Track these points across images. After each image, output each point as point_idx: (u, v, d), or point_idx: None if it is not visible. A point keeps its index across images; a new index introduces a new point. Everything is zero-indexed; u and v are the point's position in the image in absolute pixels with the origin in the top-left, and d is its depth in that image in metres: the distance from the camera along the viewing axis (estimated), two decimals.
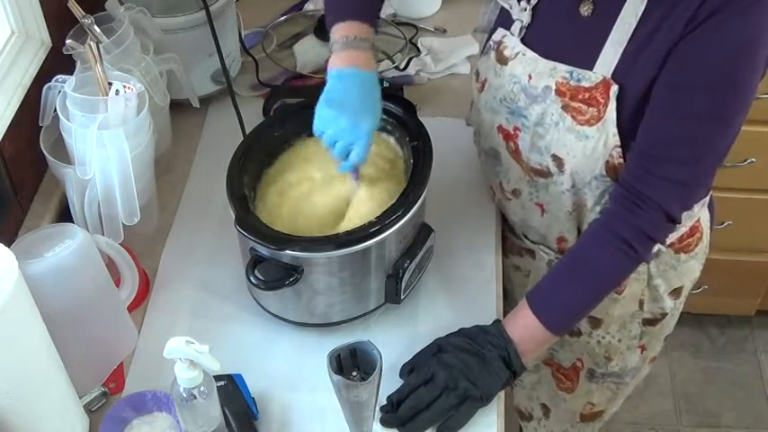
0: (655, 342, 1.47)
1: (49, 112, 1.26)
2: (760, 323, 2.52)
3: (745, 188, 2.08)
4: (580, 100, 1.13)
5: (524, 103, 1.19)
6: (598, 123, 1.13)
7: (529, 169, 1.25)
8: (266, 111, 1.54)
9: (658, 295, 1.36)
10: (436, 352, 1.15)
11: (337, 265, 1.15)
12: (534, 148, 1.21)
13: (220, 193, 1.19)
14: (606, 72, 1.11)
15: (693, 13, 1.03)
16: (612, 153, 1.14)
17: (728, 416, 2.33)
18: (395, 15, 1.83)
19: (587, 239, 1.18)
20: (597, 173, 1.17)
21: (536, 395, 1.60)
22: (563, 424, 1.61)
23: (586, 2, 1.13)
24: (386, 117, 1.27)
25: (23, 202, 1.35)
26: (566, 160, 1.18)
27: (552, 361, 1.51)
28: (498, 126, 1.25)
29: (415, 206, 1.16)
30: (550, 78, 1.16)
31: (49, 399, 1.03)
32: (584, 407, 1.56)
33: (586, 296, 1.18)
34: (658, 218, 1.11)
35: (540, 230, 1.35)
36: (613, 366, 1.46)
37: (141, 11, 1.40)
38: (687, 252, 1.33)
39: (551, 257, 1.37)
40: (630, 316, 1.38)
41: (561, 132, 1.16)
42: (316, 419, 1.14)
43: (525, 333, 1.15)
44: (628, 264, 1.15)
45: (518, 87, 1.20)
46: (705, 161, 1.11)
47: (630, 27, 1.09)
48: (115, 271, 1.20)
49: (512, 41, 1.21)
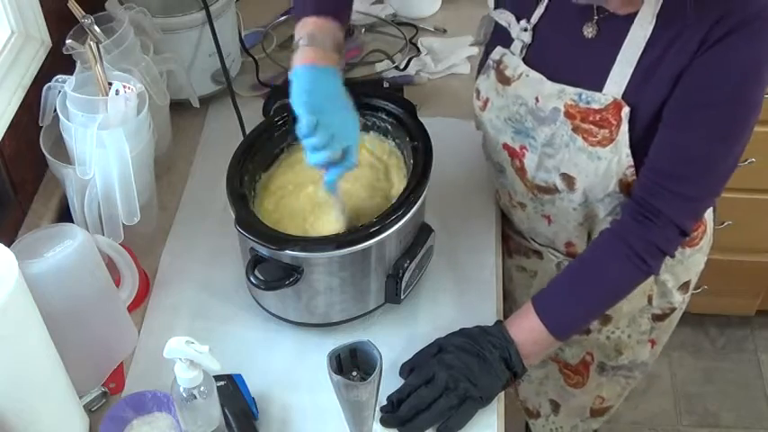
0: (664, 336, 1.48)
1: (49, 112, 1.26)
2: (760, 323, 2.52)
3: (745, 188, 2.07)
4: (591, 122, 1.13)
5: (532, 125, 1.18)
6: (611, 145, 1.12)
7: (533, 186, 1.25)
8: (266, 111, 1.54)
9: (667, 290, 1.37)
10: (437, 352, 1.15)
11: (337, 265, 1.15)
12: (542, 167, 1.21)
13: (220, 193, 1.18)
14: (616, 93, 1.11)
15: (705, 34, 1.02)
16: (626, 172, 1.14)
17: (728, 416, 2.33)
18: (395, 15, 1.83)
19: (598, 249, 1.18)
20: (611, 190, 1.17)
21: (544, 390, 1.60)
22: (572, 419, 1.61)
23: (590, 24, 1.12)
24: (386, 117, 1.27)
25: (23, 202, 1.35)
26: (577, 179, 1.17)
27: (558, 359, 1.51)
28: (503, 144, 1.25)
29: (415, 206, 1.16)
30: (558, 100, 1.14)
31: (49, 399, 1.03)
32: (594, 401, 1.57)
33: (593, 305, 1.18)
34: (671, 232, 1.12)
35: (548, 236, 1.35)
36: (623, 360, 1.47)
37: (141, 11, 1.39)
38: (692, 246, 1.33)
39: (560, 260, 1.37)
40: (639, 311, 1.39)
41: (572, 152, 1.15)
42: (316, 419, 1.14)
43: (529, 336, 1.15)
44: (638, 276, 1.16)
45: (525, 109, 1.19)
46: (717, 176, 1.11)
47: (639, 48, 1.08)
48: (115, 271, 1.20)
49: (513, 61, 1.20)
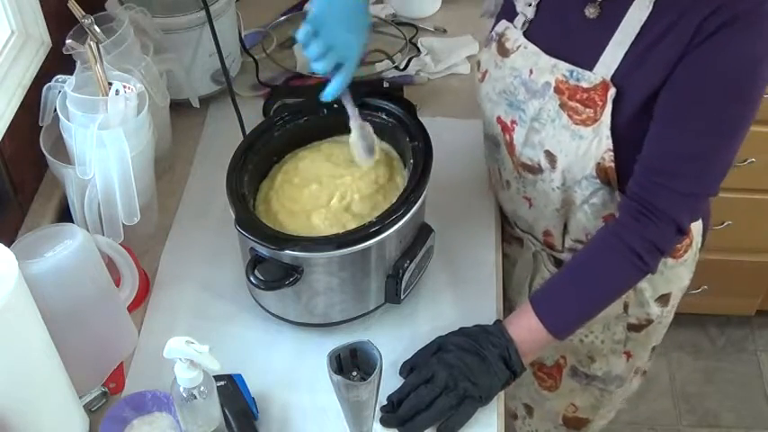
0: (641, 351, 1.46)
1: (49, 112, 1.26)
2: (760, 323, 2.52)
3: (745, 188, 2.08)
4: (577, 100, 1.13)
5: (523, 97, 1.19)
6: (593, 125, 1.12)
7: (519, 164, 1.25)
8: (266, 111, 1.55)
9: (644, 300, 1.36)
10: (436, 351, 1.15)
11: (337, 265, 1.15)
12: (528, 143, 1.21)
13: (220, 193, 1.18)
14: (606, 74, 1.11)
15: (699, 25, 1.02)
16: (604, 156, 1.14)
17: (728, 416, 2.33)
18: (395, 15, 1.83)
19: (596, 247, 1.18)
20: (588, 173, 1.17)
21: (518, 395, 1.61)
22: (546, 423, 1.62)
23: (592, 5, 1.12)
24: (386, 117, 1.27)
25: (23, 202, 1.35)
26: (558, 158, 1.18)
27: (534, 360, 1.51)
28: (497, 117, 1.25)
29: (415, 206, 1.16)
30: (551, 75, 1.15)
31: (49, 399, 1.03)
32: (566, 408, 1.56)
33: (592, 303, 1.18)
34: (669, 230, 1.12)
35: (528, 221, 1.35)
36: (596, 369, 1.46)
37: (141, 11, 1.40)
38: (675, 257, 1.32)
39: (537, 249, 1.38)
40: (615, 318, 1.38)
41: (557, 129, 1.16)
42: (316, 419, 1.14)
43: (528, 335, 1.15)
44: (636, 274, 1.16)
45: (518, 81, 1.20)
46: (714, 172, 1.11)
47: (634, 30, 1.08)
48: (115, 271, 1.20)
49: (514, 34, 1.21)
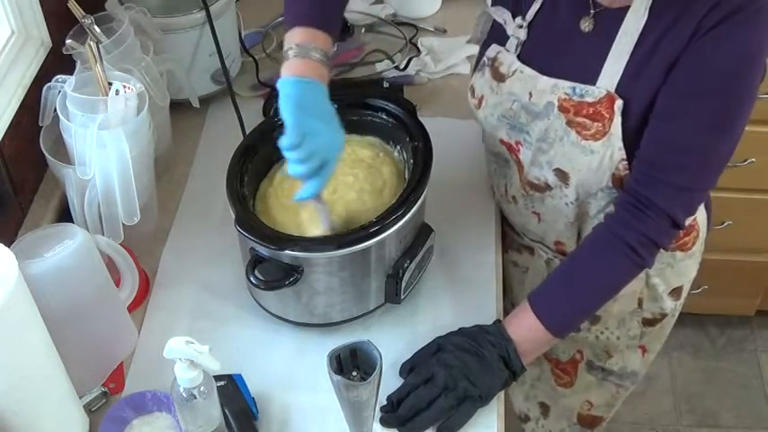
0: (656, 344, 1.47)
1: (49, 112, 1.26)
2: (760, 323, 2.52)
3: (745, 188, 2.08)
4: (584, 115, 1.13)
5: (526, 120, 1.19)
6: (603, 138, 1.12)
7: (526, 182, 1.25)
8: (266, 111, 1.54)
9: (657, 295, 1.36)
10: (436, 351, 1.15)
11: (337, 265, 1.15)
12: (536, 163, 1.21)
13: (220, 193, 1.18)
14: (610, 86, 1.11)
15: (698, 23, 1.02)
16: (619, 166, 1.14)
17: (728, 416, 2.33)
18: (395, 15, 1.83)
19: (592, 243, 1.18)
20: (604, 185, 1.17)
21: (534, 393, 1.60)
22: (561, 422, 1.61)
23: (587, 18, 1.12)
24: (386, 117, 1.27)
25: (23, 202, 1.35)
26: (571, 174, 1.17)
27: (551, 356, 1.51)
28: (500, 139, 1.25)
29: (415, 206, 1.16)
30: (552, 95, 1.15)
31: (49, 399, 1.03)
32: (582, 405, 1.56)
33: (589, 299, 1.18)
34: (664, 224, 1.12)
35: (538, 233, 1.35)
36: (613, 364, 1.47)
37: (141, 11, 1.40)
38: (684, 250, 1.33)
39: (549, 256, 1.38)
40: (630, 314, 1.38)
41: (566, 147, 1.16)
42: (316, 419, 1.14)
43: (527, 334, 1.15)
44: (632, 269, 1.16)
45: (518, 105, 1.19)
46: (710, 166, 1.10)
47: (633, 40, 1.08)
48: (115, 271, 1.20)
49: (507, 58, 1.20)
